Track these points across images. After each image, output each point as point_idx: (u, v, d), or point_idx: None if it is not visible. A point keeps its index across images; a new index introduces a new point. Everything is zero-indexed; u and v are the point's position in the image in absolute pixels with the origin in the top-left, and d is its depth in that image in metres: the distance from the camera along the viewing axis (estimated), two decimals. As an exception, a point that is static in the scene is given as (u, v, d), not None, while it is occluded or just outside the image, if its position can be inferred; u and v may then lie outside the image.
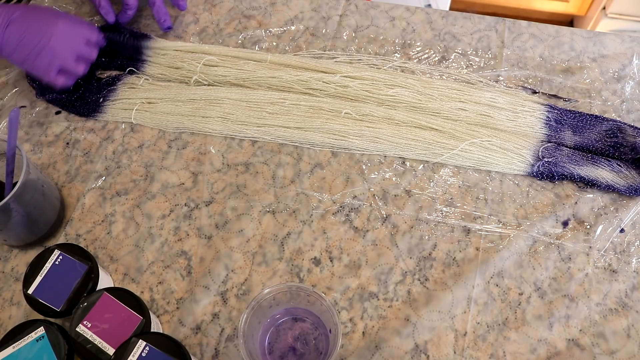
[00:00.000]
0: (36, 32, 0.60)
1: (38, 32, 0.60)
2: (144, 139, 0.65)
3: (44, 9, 0.64)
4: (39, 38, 0.60)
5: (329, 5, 0.75)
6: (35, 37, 0.60)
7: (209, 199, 0.61)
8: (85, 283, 0.50)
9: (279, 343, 0.52)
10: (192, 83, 0.68)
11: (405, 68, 0.69)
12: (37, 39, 0.60)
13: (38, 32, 0.60)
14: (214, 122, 0.65)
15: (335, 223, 0.59)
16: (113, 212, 0.60)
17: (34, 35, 0.60)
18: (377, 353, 0.52)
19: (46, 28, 0.61)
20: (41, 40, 0.60)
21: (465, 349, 0.52)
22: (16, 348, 0.47)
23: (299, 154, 0.64)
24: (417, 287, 0.56)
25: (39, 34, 0.60)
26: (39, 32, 0.60)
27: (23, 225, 0.55)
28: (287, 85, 0.67)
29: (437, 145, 0.62)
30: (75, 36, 0.64)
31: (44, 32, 0.60)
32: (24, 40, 0.60)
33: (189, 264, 0.57)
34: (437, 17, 0.74)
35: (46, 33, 0.60)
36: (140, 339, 0.45)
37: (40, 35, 0.60)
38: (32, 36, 0.60)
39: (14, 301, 0.56)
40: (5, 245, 0.58)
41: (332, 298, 0.55)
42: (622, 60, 0.69)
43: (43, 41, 0.60)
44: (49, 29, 0.61)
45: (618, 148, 0.62)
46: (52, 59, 0.62)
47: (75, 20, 0.65)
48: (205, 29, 0.74)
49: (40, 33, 0.60)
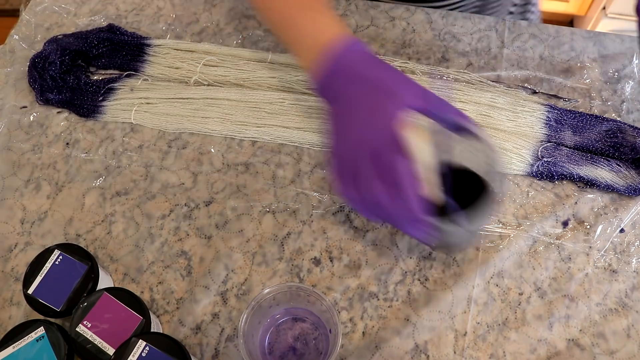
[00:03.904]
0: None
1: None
2: (144, 139, 0.65)
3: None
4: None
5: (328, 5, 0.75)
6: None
7: (209, 199, 0.61)
8: (85, 283, 0.50)
9: (279, 343, 0.52)
10: (192, 83, 0.68)
11: (405, 68, 0.69)
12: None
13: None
14: (214, 123, 0.65)
15: (335, 223, 0.59)
16: (113, 212, 0.60)
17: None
18: (377, 353, 0.52)
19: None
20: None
21: (465, 349, 0.52)
22: (16, 348, 0.47)
23: (299, 154, 0.64)
24: (417, 287, 0.56)
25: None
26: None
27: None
28: (287, 85, 0.67)
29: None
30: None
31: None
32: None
33: (189, 264, 0.57)
34: (437, 17, 0.74)
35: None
36: (140, 339, 0.45)
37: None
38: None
39: (14, 301, 0.56)
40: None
41: (332, 298, 0.55)
42: (622, 60, 0.69)
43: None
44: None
45: (618, 148, 0.62)
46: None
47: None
48: (205, 29, 0.74)
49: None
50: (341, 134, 0.48)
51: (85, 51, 0.70)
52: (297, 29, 0.53)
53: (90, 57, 0.70)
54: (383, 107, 0.46)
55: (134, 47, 0.71)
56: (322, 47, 0.50)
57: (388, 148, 0.44)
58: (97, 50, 0.70)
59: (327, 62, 0.49)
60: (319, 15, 0.53)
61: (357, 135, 0.46)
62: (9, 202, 0.61)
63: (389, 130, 0.45)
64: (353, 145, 0.46)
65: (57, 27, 0.74)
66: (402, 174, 0.44)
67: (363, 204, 0.47)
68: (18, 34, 0.74)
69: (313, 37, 0.51)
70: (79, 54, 0.70)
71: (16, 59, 0.71)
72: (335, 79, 0.49)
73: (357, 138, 0.46)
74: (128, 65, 0.70)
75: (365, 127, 0.46)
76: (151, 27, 0.74)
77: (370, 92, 0.47)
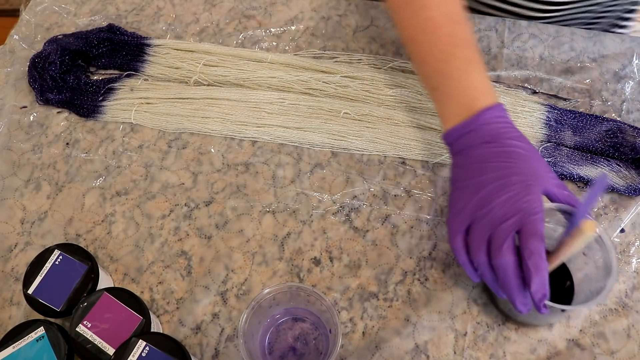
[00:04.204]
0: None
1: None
2: (144, 139, 0.65)
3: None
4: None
5: (329, 5, 0.75)
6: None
7: (209, 199, 0.61)
8: (85, 283, 0.50)
9: (279, 343, 0.52)
10: (192, 83, 0.68)
11: (405, 68, 0.69)
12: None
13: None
14: (214, 123, 0.65)
15: (335, 223, 0.59)
16: (113, 212, 0.60)
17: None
18: (377, 353, 0.52)
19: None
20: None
21: (465, 349, 0.52)
22: (16, 348, 0.47)
23: (299, 154, 0.64)
24: (417, 287, 0.56)
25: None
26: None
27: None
28: (287, 85, 0.67)
29: (437, 145, 0.62)
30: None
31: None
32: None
33: (189, 264, 0.57)
34: (437, 17, 0.73)
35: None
36: (140, 339, 0.45)
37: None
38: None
39: (14, 301, 0.56)
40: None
41: (332, 298, 0.55)
42: (622, 60, 0.69)
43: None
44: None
45: (618, 148, 0.62)
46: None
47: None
48: (205, 29, 0.74)
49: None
50: (477, 194, 0.47)
51: (85, 51, 0.70)
52: (449, 76, 0.52)
53: (90, 57, 0.70)
54: (528, 184, 0.46)
55: (134, 47, 0.71)
56: (470, 104, 0.49)
57: (532, 228, 0.44)
58: (97, 50, 0.70)
59: (473, 119, 0.49)
60: (475, 74, 0.51)
61: (501, 202, 0.45)
62: (9, 202, 0.61)
63: (535, 209, 0.44)
64: (496, 211, 0.45)
65: (57, 27, 0.74)
66: (541, 257, 0.43)
67: (484, 267, 0.46)
68: (18, 34, 0.74)
69: (464, 92, 0.50)
70: (79, 54, 0.70)
71: (16, 59, 0.71)
72: (478, 138, 0.49)
73: (502, 206, 0.45)
74: (128, 65, 0.70)
75: (511, 199, 0.45)
76: (151, 27, 0.74)
77: (516, 163, 0.47)
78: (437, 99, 0.53)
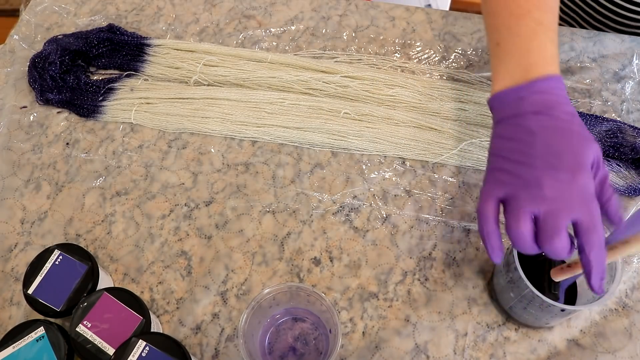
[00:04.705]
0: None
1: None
2: (144, 139, 0.65)
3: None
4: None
5: (329, 5, 0.75)
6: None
7: (209, 199, 0.61)
8: (85, 283, 0.50)
9: (279, 343, 0.52)
10: (192, 83, 0.68)
11: (405, 68, 0.69)
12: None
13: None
14: (214, 123, 0.65)
15: (335, 223, 0.59)
16: (113, 212, 0.60)
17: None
18: (377, 353, 0.52)
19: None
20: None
21: (466, 349, 0.52)
22: (16, 348, 0.47)
23: (299, 154, 0.64)
24: (417, 287, 0.56)
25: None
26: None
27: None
28: (287, 85, 0.67)
29: (436, 146, 0.62)
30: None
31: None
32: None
33: (189, 264, 0.57)
34: (437, 17, 0.74)
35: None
36: (140, 339, 0.45)
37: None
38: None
39: (14, 301, 0.56)
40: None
41: (332, 298, 0.55)
42: (622, 60, 0.69)
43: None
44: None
45: (618, 148, 0.62)
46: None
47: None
48: (205, 29, 0.74)
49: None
50: (523, 168, 0.44)
51: (85, 51, 0.70)
52: (516, 33, 0.48)
53: (90, 57, 0.70)
54: (581, 165, 0.42)
55: (134, 47, 0.71)
56: (529, 67, 0.46)
57: (592, 221, 0.41)
58: (97, 50, 0.70)
59: (528, 84, 0.46)
60: (544, 38, 0.48)
61: (552, 183, 0.42)
62: (9, 202, 0.61)
63: (591, 197, 0.42)
64: (546, 192, 0.42)
65: (57, 27, 0.74)
66: (602, 250, 0.41)
67: (526, 242, 0.42)
68: (18, 34, 0.74)
69: (527, 54, 0.47)
70: (79, 54, 0.70)
71: (16, 59, 0.71)
72: (530, 106, 0.45)
73: (553, 188, 0.42)
74: (128, 65, 0.70)
75: (563, 181, 0.42)
76: (151, 27, 0.74)
77: (569, 141, 0.44)
78: (496, 54, 0.50)
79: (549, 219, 0.41)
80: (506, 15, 0.49)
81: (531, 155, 0.43)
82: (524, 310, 0.50)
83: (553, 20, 0.49)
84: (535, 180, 0.42)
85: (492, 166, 0.46)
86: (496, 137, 0.47)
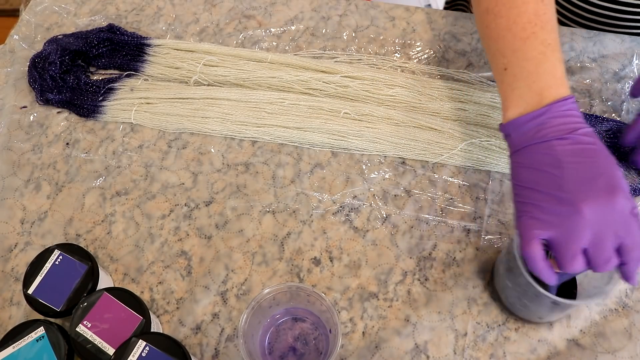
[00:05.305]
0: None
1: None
2: (144, 139, 0.65)
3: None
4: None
5: (329, 5, 0.75)
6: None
7: (209, 199, 0.61)
8: (85, 283, 0.50)
9: (279, 343, 0.52)
10: (192, 83, 0.68)
11: (405, 68, 0.69)
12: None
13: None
14: (214, 123, 0.65)
15: (335, 223, 0.59)
16: (113, 212, 0.60)
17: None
18: (377, 353, 0.52)
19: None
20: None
21: (465, 349, 0.52)
22: (16, 348, 0.47)
23: (299, 154, 0.64)
24: (417, 287, 0.56)
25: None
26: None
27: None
28: (287, 85, 0.67)
29: (436, 146, 0.62)
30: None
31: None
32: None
33: (189, 264, 0.57)
34: (437, 17, 0.74)
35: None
36: (140, 339, 0.45)
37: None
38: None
39: (14, 301, 0.56)
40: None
41: (332, 298, 0.55)
42: (622, 60, 0.69)
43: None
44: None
45: (618, 148, 0.62)
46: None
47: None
48: (205, 29, 0.74)
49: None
50: (557, 199, 0.43)
51: (85, 51, 0.70)
52: (524, 57, 0.47)
53: (90, 57, 0.70)
54: (613, 185, 0.42)
55: (134, 47, 0.71)
56: (542, 92, 0.46)
57: (633, 241, 0.42)
58: (97, 50, 0.70)
59: (545, 109, 0.45)
60: (553, 60, 0.47)
61: (592, 211, 0.41)
62: (9, 202, 0.61)
63: (630, 219, 0.42)
64: (588, 220, 0.41)
65: (57, 27, 0.74)
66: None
67: (570, 263, 0.43)
68: (18, 34, 0.74)
69: (538, 77, 0.46)
70: (79, 54, 0.70)
71: (16, 59, 0.71)
72: (550, 132, 0.44)
73: (594, 215, 0.41)
74: (128, 65, 0.70)
75: (602, 206, 0.41)
76: (151, 27, 0.74)
77: (595, 162, 0.43)
78: (504, 80, 0.48)
79: (597, 251, 0.42)
80: (510, 39, 0.48)
81: (564, 185, 0.42)
82: (519, 300, 0.50)
83: (557, 39, 0.48)
84: (576, 214, 0.41)
85: (523, 200, 0.45)
86: (520, 167, 0.46)
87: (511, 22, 0.49)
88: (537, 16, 0.48)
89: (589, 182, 0.42)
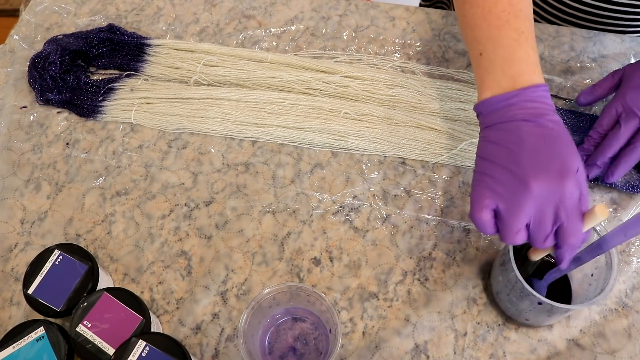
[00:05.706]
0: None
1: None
2: (144, 139, 0.65)
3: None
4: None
5: (329, 5, 0.75)
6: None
7: (209, 199, 0.61)
8: (85, 283, 0.50)
9: (279, 343, 0.52)
10: (192, 83, 0.68)
11: (405, 68, 0.69)
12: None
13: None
14: (214, 123, 0.65)
15: (335, 223, 0.59)
16: (113, 212, 0.60)
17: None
18: (377, 353, 0.52)
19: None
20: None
21: (465, 349, 0.52)
22: (16, 348, 0.47)
23: (299, 154, 0.64)
24: (417, 287, 0.56)
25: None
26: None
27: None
28: (287, 85, 0.67)
29: (436, 146, 0.62)
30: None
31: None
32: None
33: (189, 264, 0.57)
34: (437, 17, 0.74)
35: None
36: (140, 339, 0.45)
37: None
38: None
39: (14, 301, 0.56)
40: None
41: (332, 298, 0.55)
42: (622, 60, 0.69)
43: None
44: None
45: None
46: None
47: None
48: (205, 29, 0.74)
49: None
50: (512, 174, 0.45)
51: (85, 51, 0.70)
52: (498, 44, 0.50)
53: (90, 57, 0.70)
54: (566, 170, 0.44)
55: (134, 47, 0.71)
56: (515, 77, 0.48)
57: (574, 227, 0.44)
58: (97, 50, 0.70)
59: (517, 92, 0.47)
60: (526, 47, 0.49)
61: (540, 189, 0.43)
62: (9, 202, 0.61)
63: (574, 203, 0.44)
64: (535, 197, 0.44)
65: (57, 27, 0.74)
66: (575, 250, 0.45)
67: (512, 236, 0.45)
68: (18, 34, 0.74)
69: (512, 63, 0.48)
70: (79, 54, 0.70)
71: (16, 59, 0.71)
72: (519, 114, 0.46)
73: (541, 193, 0.43)
74: (128, 65, 0.70)
75: (550, 186, 0.43)
76: (151, 27, 0.74)
77: (554, 147, 0.45)
78: (479, 64, 0.51)
79: (538, 227, 0.44)
80: (485, 27, 0.51)
81: (520, 162, 0.45)
82: (507, 297, 0.51)
83: (531, 27, 0.50)
84: (525, 189, 0.44)
85: (481, 170, 0.48)
86: (485, 141, 0.49)
87: (486, 11, 0.51)
88: (512, 5, 0.50)
89: (544, 162, 0.44)
